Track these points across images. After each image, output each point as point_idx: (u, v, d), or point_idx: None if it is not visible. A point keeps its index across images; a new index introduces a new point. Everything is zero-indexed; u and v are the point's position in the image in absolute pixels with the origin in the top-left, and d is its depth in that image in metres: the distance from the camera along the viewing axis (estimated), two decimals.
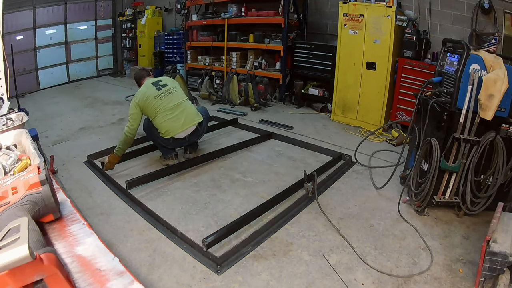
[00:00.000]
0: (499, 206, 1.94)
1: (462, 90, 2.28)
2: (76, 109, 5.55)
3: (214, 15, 6.26)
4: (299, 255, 2.11)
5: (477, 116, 2.24)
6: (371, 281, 1.90)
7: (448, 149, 2.36)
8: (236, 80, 5.53)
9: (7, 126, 1.67)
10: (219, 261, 1.99)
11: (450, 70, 2.45)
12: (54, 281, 0.71)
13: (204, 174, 3.20)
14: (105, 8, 8.36)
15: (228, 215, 2.52)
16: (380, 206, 2.66)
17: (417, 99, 2.58)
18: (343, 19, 4.36)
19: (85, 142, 4.01)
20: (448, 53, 2.52)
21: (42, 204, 0.97)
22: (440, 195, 2.47)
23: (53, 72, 7.51)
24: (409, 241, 2.24)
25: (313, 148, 3.74)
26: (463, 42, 2.35)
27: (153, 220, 2.44)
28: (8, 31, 6.21)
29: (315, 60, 5.08)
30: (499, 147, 2.31)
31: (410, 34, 4.01)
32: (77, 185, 3.00)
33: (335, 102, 4.74)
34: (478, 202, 2.42)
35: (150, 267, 2.02)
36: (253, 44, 5.84)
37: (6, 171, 1.18)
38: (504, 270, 1.59)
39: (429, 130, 2.54)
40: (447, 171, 2.41)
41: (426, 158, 2.54)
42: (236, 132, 4.35)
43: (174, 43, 7.44)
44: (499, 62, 2.21)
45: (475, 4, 3.82)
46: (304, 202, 2.66)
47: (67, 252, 0.89)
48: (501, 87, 2.10)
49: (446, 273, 1.95)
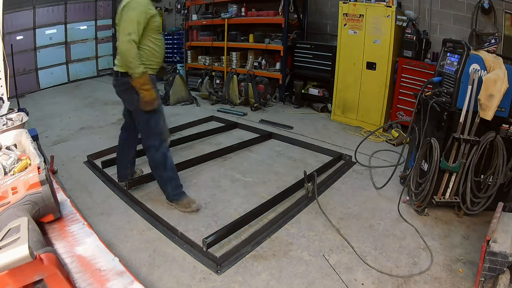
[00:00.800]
0: (499, 206, 1.94)
1: (462, 90, 2.28)
2: (76, 109, 5.55)
3: (214, 15, 6.26)
4: (299, 255, 2.11)
5: (477, 116, 2.24)
6: (371, 281, 1.90)
7: (448, 149, 2.36)
8: (236, 80, 5.52)
9: (7, 126, 1.67)
10: (219, 261, 1.99)
11: (450, 70, 2.45)
12: (54, 281, 0.71)
13: (204, 174, 3.20)
14: (105, 8, 8.35)
15: (228, 215, 2.52)
16: (380, 206, 2.66)
17: (417, 99, 2.58)
18: (343, 19, 4.36)
19: (85, 142, 4.01)
20: (448, 53, 2.52)
21: (42, 204, 0.97)
22: (440, 195, 2.47)
23: (53, 72, 7.50)
24: (409, 241, 2.24)
25: (313, 148, 3.74)
26: (463, 42, 2.35)
27: (153, 220, 2.44)
28: (8, 31, 6.20)
29: (315, 60, 5.08)
30: (499, 147, 2.31)
31: (410, 34, 4.01)
32: (77, 185, 3.00)
33: (335, 102, 4.74)
34: (478, 202, 2.42)
35: (150, 267, 2.02)
36: (253, 44, 5.84)
37: (6, 171, 1.18)
38: (504, 270, 1.59)
39: (429, 130, 2.53)
40: (447, 171, 2.41)
41: (426, 158, 2.54)
42: (236, 132, 4.35)
43: (174, 43, 7.44)
44: (499, 62, 2.21)
45: (475, 4, 3.82)
46: (304, 202, 2.66)
47: (67, 252, 0.89)
48: (501, 87, 2.10)
49: (446, 273, 1.95)
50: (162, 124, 2.53)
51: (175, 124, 4.52)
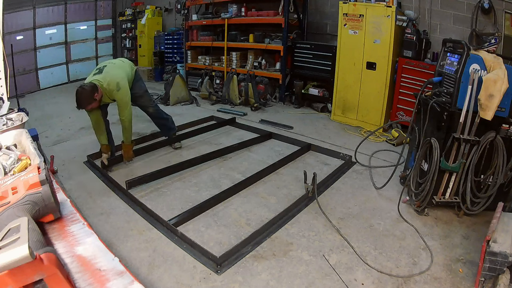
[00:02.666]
0: (499, 206, 1.94)
1: (462, 90, 2.28)
2: (76, 109, 5.53)
3: (214, 15, 6.26)
4: (299, 255, 2.11)
5: (477, 116, 2.24)
6: (371, 281, 1.90)
7: (448, 149, 2.35)
8: (236, 80, 5.53)
9: (7, 126, 1.67)
10: (219, 261, 1.99)
11: (450, 70, 2.45)
12: (54, 281, 0.71)
13: (204, 174, 3.20)
14: (105, 8, 8.36)
15: (228, 215, 2.52)
16: (380, 206, 2.66)
17: (417, 99, 2.58)
18: (343, 19, 4.36)
19: (85, 142, 4.01)
20: (448, 53, 2.52)
21: (42, 204, 0.97)
22: (440, 195, 2.47)
23: (53, 72, 7.51)
24: (409, 241, 2.24)
25: (313, 148, 3.74)
26: (463, 42, 2.34)
27: (153, 220, 2.44)
28: (8, 31, 6.21)
29: (315, 60, 5.08)
30: (499, 147, 2.31)
31: (410, 34, 4.01)
32: (77, 185, 3.00)
33: (335, 102, 4.74)
34: (478, 202, 2.41)
35: (150, 267, 2.02)
36: (253, 44, 5.84)
37: (6, 171, 1.18)
38: (504, 270, 1.59)
39: (429, 130, 2.53)
40: (447, 171, 2.41)
41: (426, 158, 2.54)
42: (236, 132, 4.35)
43: (174, 43, 7.44)
44: (499, 62, 2.21)
45: (475, 4, 3.82)
46: (304, 202, 2.66)
47: (67, 252, 0.89)
48: (501, 87, 2.10)
49: (446, 273, 1.95)
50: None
51: (175, 124, 4.52)
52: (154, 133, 4.12)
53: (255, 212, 2.57)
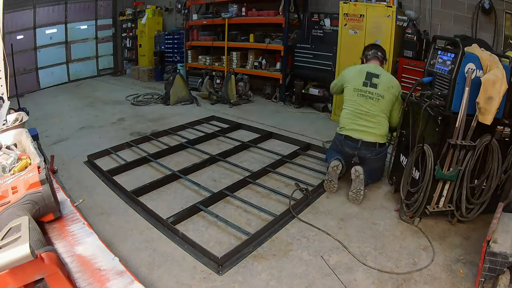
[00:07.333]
0: (499, 206, 1.93)
1: (457, 92, 2.10)
2: (76, 109, 5.55)
3: (215, 15, 6.27)
4: (299, 255, 2.11)
5: (473, 120, 2.08)
6: (371, 281, 1.90)
7: (442, 156, 2.18)
8: (234, 79, 5.57)
9: (7, 126, 1.67)
10: (220, 261, 1.99)
11: (442, 70, 2.25)
12: (55, 280, 0.72)
13: (204, 174, 3.20)
14: (105, 7, 8.35)
15: (228, 215, 2.52)
16: (380, 206, 2.66)
17: (405, 101, 2.43)
18: (343, 19, 4.36)
19: (85, 142, 4.01)
20: (439, 51, 2.32)
21: (42, 204, 0.97)
22: (434, 204, 2.31)
23: (53, 71, 7.51)
24: (409, 241, 2.24)
25: (313, 148, 3.74)
26: (457, 39, 2.16)
27: (153, 220, 2.44)
28: (9, 30, 6.20)
29: (316, 60, 5.08)
30: (494, 150, 2.17)
31: (411, 34, 4.02)
32: (77, 185, 3.00)
33: (335, 102, 4.73)
34: (472, 208, 2.29)
35: (150, 266, 2.02)
36: (253, 44, 5.85)
37: (6, 171, 1.18)
38: (504, 271, 1.59)
39: (421, 135, 2.33)
40: (441, 180, 2.23)
41: (417, 165, 2.35)
42: (236, 132, 4.35)
43: (175, 43, 7.44)
44: (495, 61, 2.05)
45: (476, 5, 3.82)
46: (304, 203, 2.66)
47: (67, 252, 0.89)
48: (500, 89, 1.96)
49: (446, 274, 1.95)
50: None
51: (175, 124, 4.52)
52: (154, 133, 4.12)
53: (256, 212, 2.57)
